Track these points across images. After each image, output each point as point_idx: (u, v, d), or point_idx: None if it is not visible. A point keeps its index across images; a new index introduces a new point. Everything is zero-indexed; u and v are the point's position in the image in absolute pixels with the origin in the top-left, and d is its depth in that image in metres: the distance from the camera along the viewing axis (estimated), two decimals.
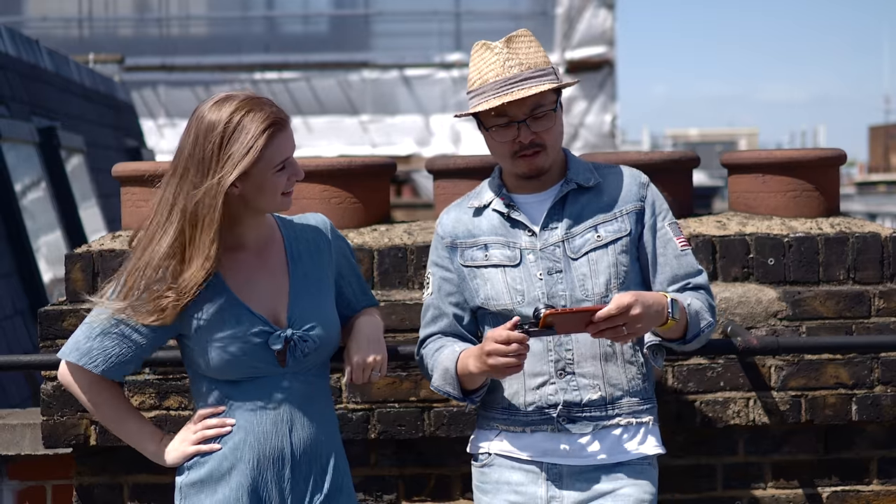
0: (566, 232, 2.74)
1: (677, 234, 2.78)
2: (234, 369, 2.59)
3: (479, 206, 2.82)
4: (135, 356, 2.62)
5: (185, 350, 2.66)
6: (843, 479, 3.52)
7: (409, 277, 3.51)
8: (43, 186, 9.13)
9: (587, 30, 18.67)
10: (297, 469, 2.62)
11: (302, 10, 20.24)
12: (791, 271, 3.51)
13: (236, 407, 2.61)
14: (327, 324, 2.66)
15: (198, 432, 2.63)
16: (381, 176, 3.82)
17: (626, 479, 2.72)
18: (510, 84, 2.66)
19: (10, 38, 9.56)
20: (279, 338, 2.59)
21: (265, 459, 2.60)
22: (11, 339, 7.36)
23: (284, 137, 2.56)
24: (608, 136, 18.64)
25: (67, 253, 3.52)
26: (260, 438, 2.60)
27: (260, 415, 2.61)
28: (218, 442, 2.61)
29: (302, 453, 2.63)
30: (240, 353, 2.57)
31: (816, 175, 3.71)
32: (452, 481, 3.50)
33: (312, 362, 2.65)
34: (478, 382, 2.74)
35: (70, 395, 3.40)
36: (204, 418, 2.64)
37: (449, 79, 19.34)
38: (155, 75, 18.97)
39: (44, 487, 3.57)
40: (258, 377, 2.61)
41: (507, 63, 2.67)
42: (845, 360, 3.45)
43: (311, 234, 2.72)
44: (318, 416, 2.66)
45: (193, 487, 2.63)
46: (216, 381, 2.63)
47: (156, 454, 2.69)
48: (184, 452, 2.64)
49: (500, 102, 2.65)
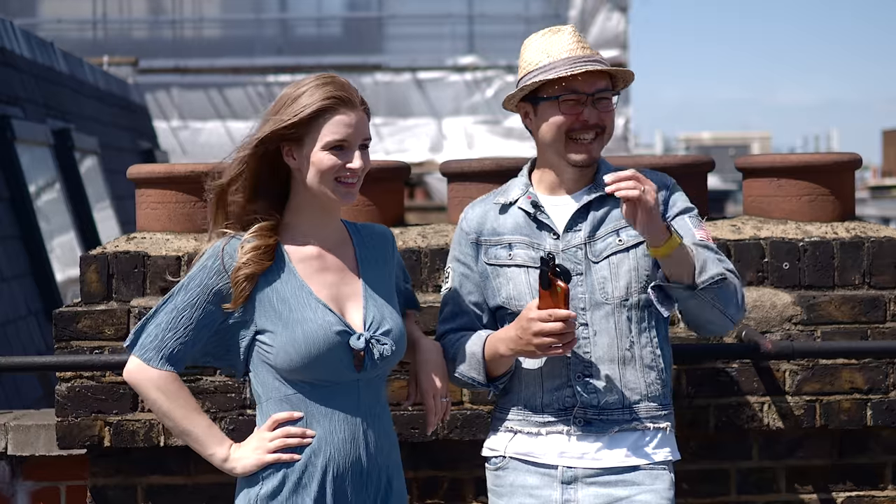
0: (589, 235, 2.74)
1: (698, 227, 2.76)
2: (314, 367, 2.51)
3: (505, 203, 2.82)
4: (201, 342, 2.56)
5: (255, 348, 2.56)
6: (858, 484, 3.51)
7: (423, 280, 3.52)
8: (57, 188, 9.16)
9: (600, 33, 18.65)
10: (371, 478, 2.57)
11: (315, 12, 20.25)
12: (806, 276, 3.50)
13: (311, 412, 2.53)
14: (400, 330, 2.61)
15: (275, 440, 2.53)
16: (395, 179, 3.82)
17: (643, 485, 2.71)
18: (583, 61, 2.70)
19: (26, 40, 9.60)
20: (360, 338, 2.54)
21: (346, 469, 2.53)
22: (26, 339, 7.38)
23: (344, 118, 2.54)
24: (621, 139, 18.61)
25: (82, 254, 3.52)
26: (339, 447, 2.53)
27: (337, 423, 2.53)
28: (297, 452, 2.52)
29: (375, 462, 2.57)
30: (324, 350, 2.50)
31: (831, 179, 3.70)
32: (465, 484, 3.49)
33: (383, 370, 2.61)
34: (503, 368, 2.73)
35: (85, 396, 3.41)
36: (279, 424, 2.54)
37: (462, 82, 19.33)
38: (168, 77, 19.00)
39: (58, 488, 3.58)
40: (333, 382, 2.54)
41: (580, 43, 2.72)
42: (860, 364, 3.44)
43: (378, 241, 2.70)
44: (383, 424, 2.61)
45: (270, 499, 2.52)
46: (290, 384, 2.54)
47: (224, 461, 2.55)
48: (259, 461, 2.52)
49: (581, 70, 2.67)
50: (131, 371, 2.57)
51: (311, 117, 2.52)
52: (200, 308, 2.54)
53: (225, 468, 2.56)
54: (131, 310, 3.43)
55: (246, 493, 2.55)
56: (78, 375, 3.42)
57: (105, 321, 3.42)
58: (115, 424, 3.42)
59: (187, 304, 2.54)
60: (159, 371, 2.54)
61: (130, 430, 3.42)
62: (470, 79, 19.27)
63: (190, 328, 2.54)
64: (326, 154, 2.53)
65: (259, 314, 2.54)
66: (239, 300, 2.53)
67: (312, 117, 2.52)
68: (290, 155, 2.56)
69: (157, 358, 2.54)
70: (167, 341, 2.54)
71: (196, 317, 2.54)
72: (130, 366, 2.57)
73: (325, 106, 2.52)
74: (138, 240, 3.60)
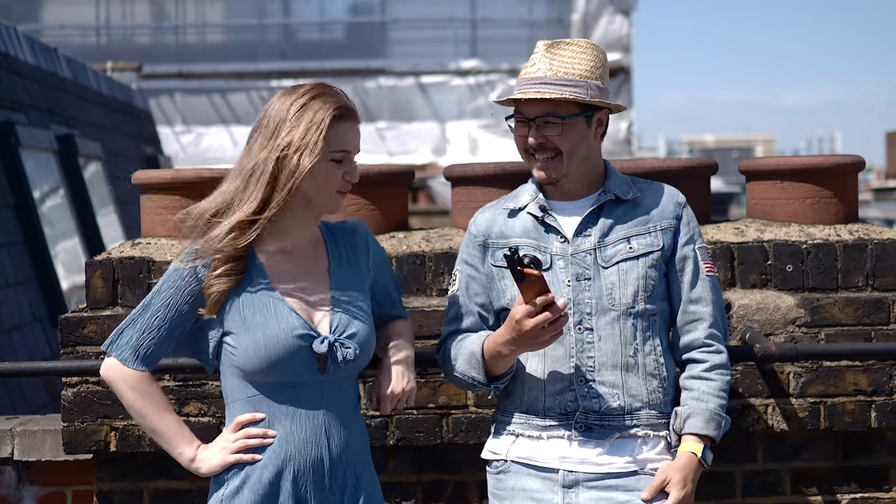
0: (599, 241, 2.75)
1: (705, 259, 2.81)
2: (275, 370, 2.56)
3: (514, 209, 2.83)
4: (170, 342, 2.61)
5: (223, 350, 2.61)
6: (862, 486, 3.51)
7: (427, 284, 3.52)
8: (61, 193, 9.18)
9: (603, 36, 18.66)
10: (335, 478, 2.61)
11: (318, 17, 20.29)
12: (810, 278, 3.51)
13: (274, 413, 2.58)
14: (366, 334, 2.64)
15: (237, 441, 2.58)
16: (399, 183, 3.83)
17: (643, 489, 2.72)
18: (530, 84, 2.72)
19: (29, 47, 9.62)
20: (323, 342, 2.57)
21: (306, 468, 2.58)
22: (31, 345, 7.39)
23: (348, 127, 2.57)
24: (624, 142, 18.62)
25: (88, 260, 3.53)
26: (300, 447, 2.58)
27: (299, 423, 2.58)
28: (259, 452, 2.57)
29: (339, 462, 2.61)
30: (284, 353, 2.54)
31: (835, 182, 3.70)
32: (470, 488, 3.50)
33: (349, 372, 2.64)
34: (503, 367, 2.74)
35: (91, 401, 3.42)
36: (242, 426, 2.60)
37: (465, 86, 19.36)
38: (172, 83, 19.04)
39: (64, 493, 3.59)
40: (296, 383, 2.58)
41: (538, 64, 2.73)
42: (864, 366, 3.45)
43: (350, 240, 2.73)
44: (351, 424, 2.65)
45: (233, 497, 2.58)
46: (253, 386, 2.59)
47: (192, 460, 2.62)
48: (223, 461, 2.58)
49: (509, 98, 2.74)
50: (108, 369, 2.64)
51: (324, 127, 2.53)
52: (174, 309, 2.60)
53: (192, 468, 2.63)
54: None
55: (215, 496, 2.62)
56: (84, 381, 3.43)
57: (111, 326, 3.43)
58: (122, 429, 3.43)
59: (161, 305, 2.60)
60: (133, 371, 2.60)
61: (136, 435, 3.43)
62: (473, 82, 19.30)
63: (164, 328, 2.60)
64: (330, 165, 2.56)
65: (227, 317, 2.59)
66: (213, 309, 2.58)
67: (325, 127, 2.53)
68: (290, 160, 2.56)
69: (132, 358, 2.61)
70: (142, 341, 2.60)
71: (170, 317, 2.60)
72: (107, 364, 2.64)
73: (335, 115, 2.55)
74: (143, 245, 3.61)
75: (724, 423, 2.76)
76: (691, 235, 2.81)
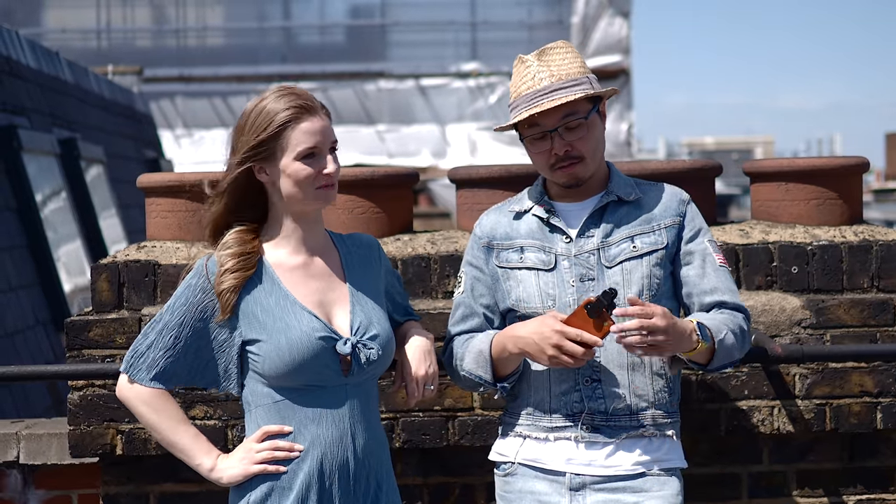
0: (602, 240, 2.75)
1: (716, 252, 2.80)
2: (299, 373, 2.55)
3: (519, 211, 2.84)
4: None
5: (246, 358, 2.60)
6: (868, 487, 3.51)
7: (432, 287, 3.53)
8: (63, 197, 9.18)
9: (603, 38, 18.67)
10: (358, 481, 2.60)
11: (318, 20, 20.29)
12: (815, 279, 3.51)
13: (300, 418, 2.57)
14: (387, 335, 2.65)
15: (263, 452, 2.57)
16: (403, 186, 3.84)
17: (651, 490, 2.72)
18: (540, 95, 2.70)
19: (31, 50, 9.63)
20: (346, 343, 2.57)
21: (332, 472, 2.57)
22: (34, 348, 7.39)
23: (311, 126, 2.57)
24: (624, 144, 18.64)
25: (93, 264, 3.54)
26: (326, 450, 2.57)
27: (325, 426, 2.57)
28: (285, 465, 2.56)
29: (363, 466, 2.60)
30: (308, 356, 2.54)
31: (839, 183, 3.70)
32: (477, 490, 3.50)
33: (372, 373, 2.64)
34: (510, 367, 2.75)
35: (97, 405, 3.42)
36: (268, 436, 2.58)
37: (465, 88, 19.36)
38: (173, 86, 19.04)
39: (70, 497, 3.58)
40: (320, 387, 2.58)
41: (538, 75, 2.72)
42: (870, 368, 3.45)
43: (363, 248, 2.74)
44: (373, 427, 2.65)
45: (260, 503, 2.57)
46: (277, 391, 2.58)
47: (211, 470, 2.60)
48: (245, 471, 2.57)
49: (528, 114, 2.70)
50: (121, 388, 2.66)
51: (278, 131, 2.55)
52: (188, 326, 2.60)
53: (212, 478, 2.61)
54: (142, 318, 3.44)
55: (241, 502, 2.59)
56: (90, 384, 3.43)
57: (116, 330, 3.44)
58: (128, 432, 3.43)
59: (174, 322, 2.60)
60: (145, 388, 2.62)
61: (142, 438, 3.43)
62: (473, 85, 19.30)
63: (179, 346, 2.61)
64: (299, 164, 2.57)
65: (244, 326, 2.58)
66: (226, 310, 2.57)
67: (279, 131, 2.55)
68: (262, 171, 2.59)
69: (146, 377, 2.62)
70: (156, 360, 2.61)
71: (184, 335, 2.60)
72: (121, 383, 2.66)
73: (289, 117, 2.56)
74: (148, 248, 3.62)
75: (727, 345, 2.68)
76: (698, 230, 2.80)
